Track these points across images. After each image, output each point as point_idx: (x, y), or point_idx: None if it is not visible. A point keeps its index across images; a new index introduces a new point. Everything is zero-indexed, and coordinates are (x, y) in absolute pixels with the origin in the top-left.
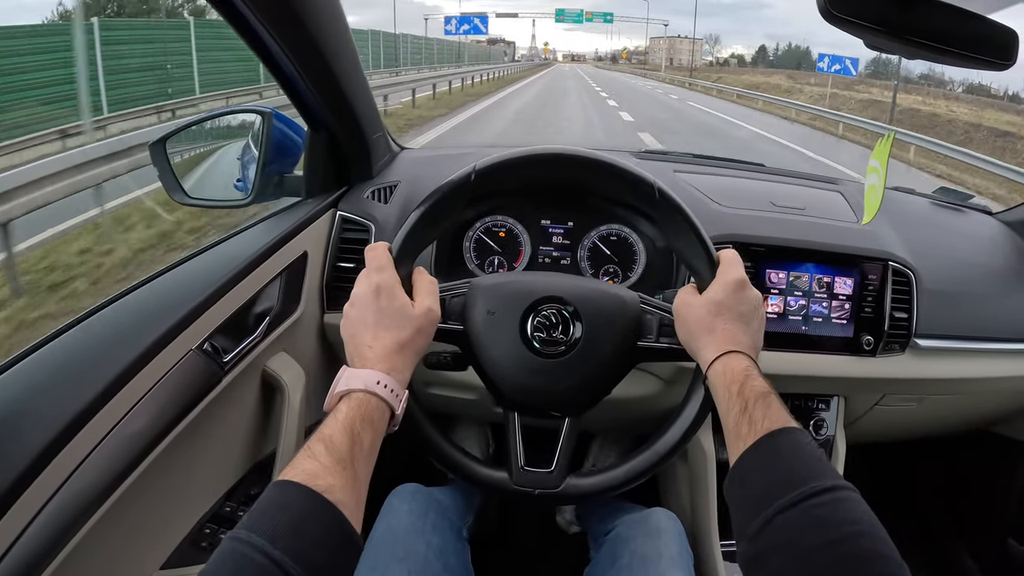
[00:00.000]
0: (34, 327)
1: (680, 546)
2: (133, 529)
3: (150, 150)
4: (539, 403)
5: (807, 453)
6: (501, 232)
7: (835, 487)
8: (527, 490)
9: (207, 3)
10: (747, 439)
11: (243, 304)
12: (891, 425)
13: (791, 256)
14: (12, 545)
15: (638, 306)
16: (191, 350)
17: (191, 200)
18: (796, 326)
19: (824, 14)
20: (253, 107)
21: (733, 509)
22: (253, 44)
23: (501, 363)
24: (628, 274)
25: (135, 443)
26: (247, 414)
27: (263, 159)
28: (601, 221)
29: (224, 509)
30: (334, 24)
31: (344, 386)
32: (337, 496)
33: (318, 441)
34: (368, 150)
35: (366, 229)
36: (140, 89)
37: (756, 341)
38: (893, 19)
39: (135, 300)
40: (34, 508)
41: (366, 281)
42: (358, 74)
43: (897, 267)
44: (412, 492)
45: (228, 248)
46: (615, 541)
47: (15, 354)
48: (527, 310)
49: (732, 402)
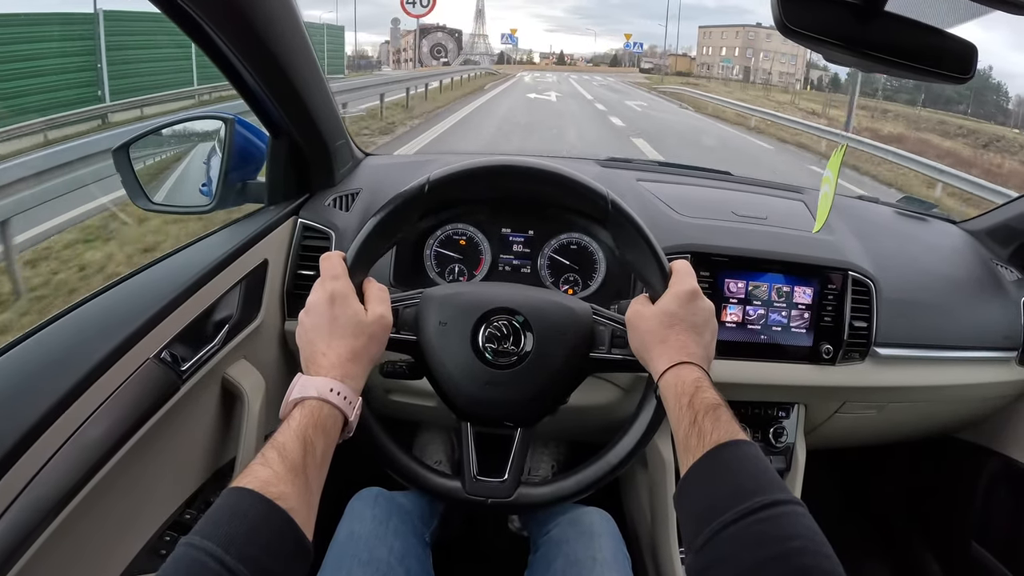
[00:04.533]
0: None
1: (615, 548)
2: (91, 538)
3: (113, 156)
4: (492, 414)
5: (753, 466)
6: (462, 240)
7: (779, 501)
8: (480, 499)
9: (159, 9)
10: (696, 452)
11: (202, 312)
12: (852, 432)
13: (751, 266)
14: None
15: (590, 317)
16: (148, 359)
17: (154, 206)
18: (755, 335)
19: (781, 28)
20: (216, 113)
21: (681, 520)
22: (209, 51)
23: (453, 374)
24: (588, 283)
25: (92, 453)
26: (207, 422)
27: (226, 166)
28: (561, 230)
29: (184, 517)
30: (291, 32)
31: (298, 393)
32: (290, 503)
33: (272, 448)
34: (330, 157)
35: (327, 237)
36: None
37: (708, 352)
38: (852, 34)
39: (92, 309)
40: None
41: (321, 289)
42: (318, 82)
43: (857, 276)
44: (375, 496)
45: (188, 256)
46: (549, 543)
47: None
48: (478, 321)
49: (682, 413)
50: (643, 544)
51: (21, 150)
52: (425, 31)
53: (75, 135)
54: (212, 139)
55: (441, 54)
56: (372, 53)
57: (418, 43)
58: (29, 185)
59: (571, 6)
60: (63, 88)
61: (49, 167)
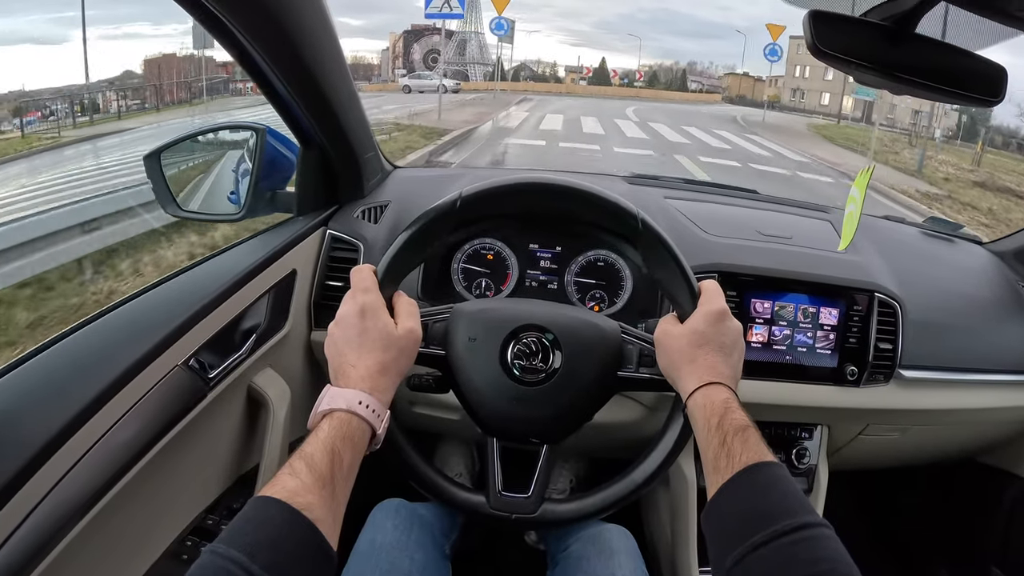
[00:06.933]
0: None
1: (635, 567)
2: (115, 541)
3: (145, 162)
4: (518, 430)
5: (783, 488)
6: (489, 255)
7: (809, 524)
8: (504, 515)
9: (196, 21)
10: (725, 472)
11: (231, 320)
12: (874, 454)
13: (777, 286)
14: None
15: (618, 336)
16: (177, 366)
17: (183, 213)
18: (780, 356)
19: (813, 51)
20: (248, 123)
21: (709, 542)
22: (243, 61)
23: (481, 389)
24: (614, 300)
25: (118, 457)
26: (232, 429)
27: (256, 175)
28: (588, 247)
29: (206, 522)
30: (325, 43)
31: (327, 405)
32: (316, 514)
33: (299, 459)
34: (359, 169)
35: (355, 248)
36: None
37: (736, 372)
38: (882, 56)
39: (123, 315)
40: (15, 520)
41: (351, 301)
42: (350, 93)
43: (883, 298)
44: (396, 507)
45: (218, 264)
46: (568, 560)
47: (7, 363)
48: (507, 337)
49: (712, 435)
50: (663, 563)
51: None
52: (417, 33)
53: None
54: (241, 148)
55: (437, 63)
56: (375, 61)
57: (407, 49)
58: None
59: (598, 20)
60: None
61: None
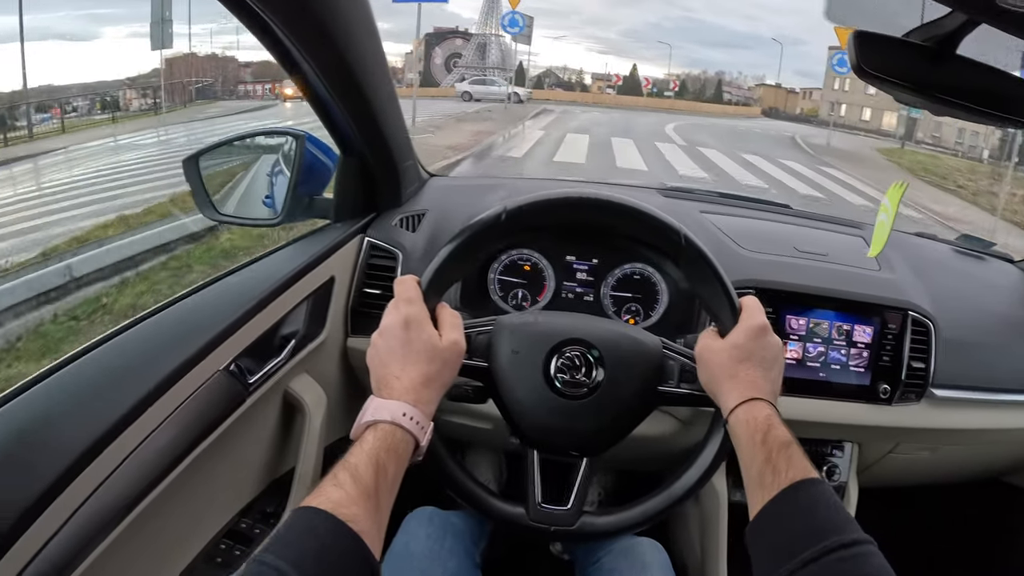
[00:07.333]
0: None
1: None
2: (151, 544)
3: (183, 165)
4: (559, 442)
5: (829, 505)
6: (526, 266)
7: (857, 541)
8: (543, 527)
9: (245, 28)
10: (771, 489)
11: (271, 326)
12: (903, 472)
13: (812, 303)
14: (36, 555)
15: (660, 351)
16: (218, 371)
17: (220, 217)
18: (814, 373)
19: (857, 71)
20: (287, 129)
21: (756, 557)
22: (288, 67)
23: (523, 401)
24: (650, 313)
25: (158, 461)
26: (267, 434)
27: (294, 180)
28: (625, 260)
29: (240, 526)
30: (371, 51)
31: (371, 416)
32: (360, 525)
33: (343, 470)
34: (398, 177)
35: (393, 256)
36: None
37: (776, 387)
38: (924, 77)
39: (166, 319)
40: (57, 523)
41: (395, 312)
42: (393, 102)
43: (917, 316)
44: (430, 515)
45: (258, 269)
46: (599, 573)
47: (47, 367)
48: (551, 351)
49: (756, 451)
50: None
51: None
52: (439, 36)
53: None
54: (275, 152)
55: (457, 67)
56: (400, 64)
57: (428, 53)
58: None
59: (625, 28)
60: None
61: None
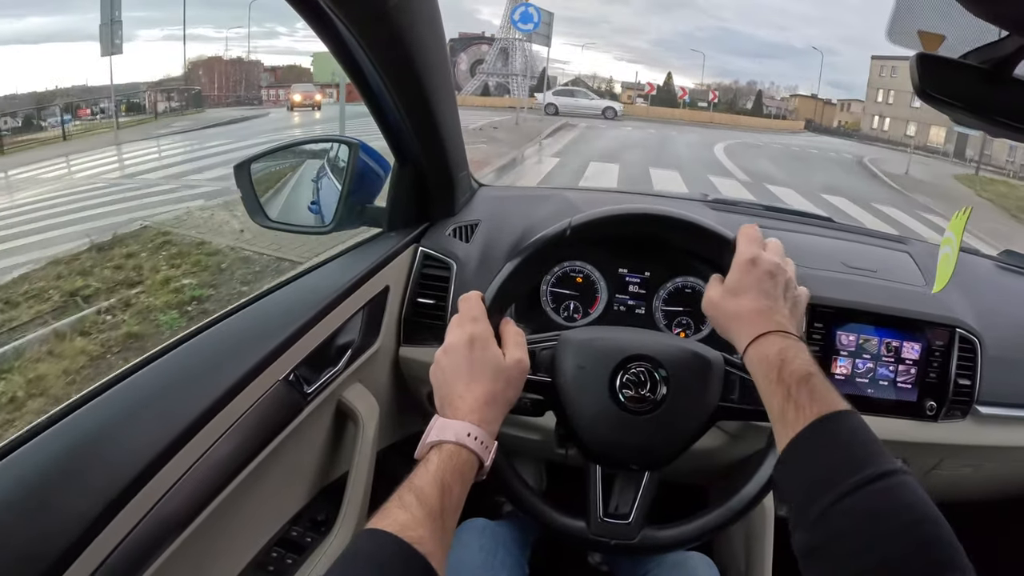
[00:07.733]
0: None
1: None
2: (206, 553)
3: (235, 171)
4: (621, 456)
5: (862, 437)
6: (578, 278)
7: (893, 471)
8: (604, 540)
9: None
10: (795, 425)
11: (328, 336)
12: (946, 489)
13: (862, 319)
14: (103, 563)
15: (723, 368)
16: (278, 381)
17: (272, 223)
18: (862, 389)
19: (920, 94)
20: (342, 137)
21: (786, 496)
22: (355, 77)
23: (587, 416)
24: (700, 327)
25: (219, 471)
26: (320, 442)
27: (347, 188)
28: (677, 273)
29: (291, 533)
30: (439, 61)
31: (436, 436)
32: (426, 548)
33: (409, 492)
34: (453, 187)
35: (447, 267)
36: None
37: (792, 313)
38: (981, 98)
39: (226, 329)
40: (120, 535)
41: (460, 330)
42: (453, 112)
43: (963, 333)
44: (481, 527)
45: (314, 279)
46: None
47: (113, 375)
48: (617, 367)
49: (773, 388)
50: None
51: None
52: (465, 42)
53: None
54: (320, 158)
55: (480, 72)
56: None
57: (453, 59)
58: None
59: (656, 38)
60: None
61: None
